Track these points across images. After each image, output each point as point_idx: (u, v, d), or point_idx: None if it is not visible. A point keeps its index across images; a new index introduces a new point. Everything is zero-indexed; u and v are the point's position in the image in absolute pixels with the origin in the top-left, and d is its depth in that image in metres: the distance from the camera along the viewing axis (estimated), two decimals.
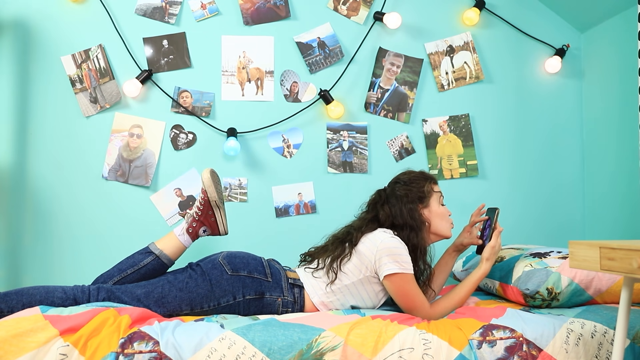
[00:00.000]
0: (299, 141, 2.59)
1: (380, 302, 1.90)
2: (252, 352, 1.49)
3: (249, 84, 2.58)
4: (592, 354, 1.60)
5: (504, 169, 2.68)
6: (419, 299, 1.80)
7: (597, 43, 2.63)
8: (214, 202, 1.96)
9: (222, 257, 1.86)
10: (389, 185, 2.01)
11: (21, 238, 2.44)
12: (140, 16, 2.53)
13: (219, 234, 2.02)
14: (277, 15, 2.59)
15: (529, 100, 2.70)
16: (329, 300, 1.85)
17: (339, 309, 1.86)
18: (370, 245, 1.83)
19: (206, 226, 1.98)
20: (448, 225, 1.97)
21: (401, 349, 1.54)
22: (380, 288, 1.86)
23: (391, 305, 1.97)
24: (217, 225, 2.00)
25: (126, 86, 2.46)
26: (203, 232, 1.98)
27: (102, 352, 1.46)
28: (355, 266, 1.84)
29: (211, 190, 1.95)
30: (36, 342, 1.45)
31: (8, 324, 1.48)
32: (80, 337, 1.48)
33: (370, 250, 1.82)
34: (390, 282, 1.79)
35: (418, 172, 2.01)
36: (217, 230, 2.01)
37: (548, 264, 1.89)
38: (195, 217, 1.97)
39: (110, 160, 2.49)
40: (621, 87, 2.44)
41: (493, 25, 2.69)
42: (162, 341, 1.49)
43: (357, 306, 1.88)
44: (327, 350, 1.52)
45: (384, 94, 2.63)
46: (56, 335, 1.47)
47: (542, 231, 2.67)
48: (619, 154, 2.45)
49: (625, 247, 1.29)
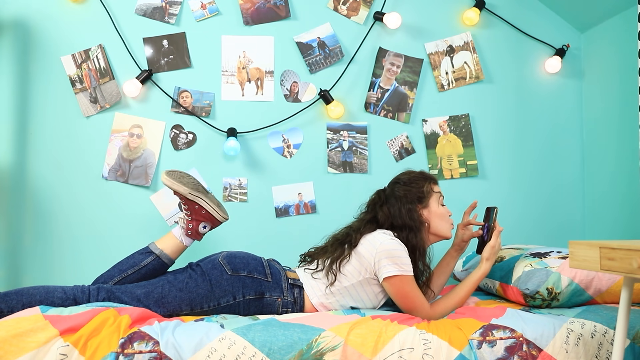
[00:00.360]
0: (299, 141, 2.59)
1: (380, 303, 1.90)
2: (252, 352, 1.49)
3: (249, 84, 2.58)
4: (592, 354, 1.60)
5: (504, 169, 2.68)
6: (419, 300, 1.80)
7: (597, 43, 2.63)
8: (188, 194, 1.92)
9: (222, 257, 1.86)
10: (389, 186, 2.01)
11: (21, 238, 2.44)
12: (140, 16, 2.53)
13: (219, 222, 1.98)
14: (277, 15, 2.59)
15: (529, 100, 2.70)
16: (328, 301, 1.85)
17: (338, 309, 1.86)
18: (369, 247, 1.83)
19: (202, 221, 1.94)
20: (448, 225, 1.96)
21: (401, 349, 1.54)
22: (379, 289, 1.86)
23: (391, 306, 1.97)
24: (212, 215, 1.96)
25: (126, 86, 2.46)
26: (204, 229, 1.95)
27: (102, 352, 1.46)
28: (354, 268, 1.83)
29: (177, 186, 1.91)
30: (36, 342, 1.45)
31: (8, 324, 1.48)
32: (80, 337, 1.48)
33: (370, 252, 1.81)
34: (390, 284, 1.79)
35: (418, 172, 2.01)
36: (215, 219, 1.96)
37: (548, 264, 1.89)
38: (187, 217, 1.94)
39: (110, 160, 2.49)
40: (621, 87, 2.44)
41: (493, 25, 2.69)
42: (162, 341, 1.49)
43: (357, 307, 1.88)
44: (327, 350, 1.52)
45: (384, 94, 2.63)
46: (56, 335, 1.47)
47: (542, 231, 2.67)
48: (619, 154, 2.45)
49: (625, 247, 1.29)
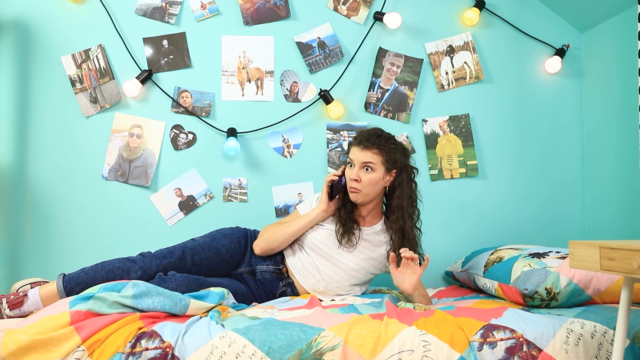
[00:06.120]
0: (299, 141, 2.59)
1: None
2: (252, 351, 1.50)
3: (249, 84, 2.58)
4: (592, 354, 1.60)
5: (504, 169, 2.68)
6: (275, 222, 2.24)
7: (597, 43, 2.63)
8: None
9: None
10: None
11: (21, 238, 2.44)
12: (140, 16, 2.53)
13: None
14: (277, 15, 2.59)
15: (529, 100, 2.70)
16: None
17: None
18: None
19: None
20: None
21: (400, 351, 1.54)
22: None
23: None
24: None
25: (126, 86, 2.46)
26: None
27: (109, 352, 1.50)
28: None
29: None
30: (59, 352, 1.49)
31: (37, 325, 1.51)
32: (96, 341, 1.52)
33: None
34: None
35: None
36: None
37: (547, 264, 1.89)
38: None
39: (110, 160, 2.49)
40: (621, 87, 2.44)
41: (493, 25, 2.69)
42: (166, 338, 1.51)
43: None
44: (327, 350, 1.52)
45: (384, 94, 2.63)
46: (79, 344, 1.51)
47: (541, 231, 2.67)
48: (619, 153, 2.45)
49: (625, 247, 1.29)
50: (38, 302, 1.81)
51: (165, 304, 1.68)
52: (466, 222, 2.65)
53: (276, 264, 2.16)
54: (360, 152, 2.04)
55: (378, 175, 2.04)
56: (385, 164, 2.05)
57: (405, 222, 2.06)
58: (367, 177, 2.04)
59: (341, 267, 2.09)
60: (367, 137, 2.05)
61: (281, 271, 2.16)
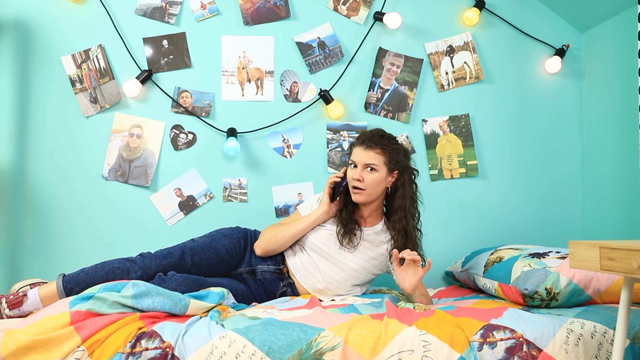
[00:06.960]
0: (299, 141, 2.59)
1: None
2: (252, 351, 1.50)
3: (249, 84, 2.58)
4: (592, 354, 1.60)
5: (504, 169, 2.68)
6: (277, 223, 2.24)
7: (597, 43, 2.63)
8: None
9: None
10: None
11: (21, 238, 2.44)
12: (140, 16, 2.53)
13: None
14: (277, 15, 2.59)
15: (529, 100, 2.70)
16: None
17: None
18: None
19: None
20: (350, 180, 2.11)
21: (400, 351, 1.54)
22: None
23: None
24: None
25: (126, 86, 2.46)
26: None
27: (109, 352, 1.50)
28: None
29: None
30: (59, 352, 1.49)
31: (37, 325, 1.51)
32: (96, 341, 1.52)
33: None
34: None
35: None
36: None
37: (547, 264, 1.89)
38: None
39: (110, 160, 2.49)
40: (621, 87, 2.44)
41: (493, 25, 2.69)
42: (166, 338, 1.51)
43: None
44: (327, 350, 1.52)
45: (384, 94, 2.63)
46: (78, 344, 1.51)
47: (541, 231, 2.67)
48: (619, 153, 2.45)
49: (625, 247, 1.29)
50: (37, 302, 1.81)
51: (165, 304, 1.68)
52: (466, 222, 2.65)
53: (277, 264, 2.16)
54: (363, 153, 2.05)
55: (381, 175, 2.05)
56: (388, 164, 2.06)
57: (408, 222, 2.07)
58: (370, 177, 2.04)
59: (342, 268, 2.09)
60: (370, 138, 2.07)
61: (282, 271, 2.16)
